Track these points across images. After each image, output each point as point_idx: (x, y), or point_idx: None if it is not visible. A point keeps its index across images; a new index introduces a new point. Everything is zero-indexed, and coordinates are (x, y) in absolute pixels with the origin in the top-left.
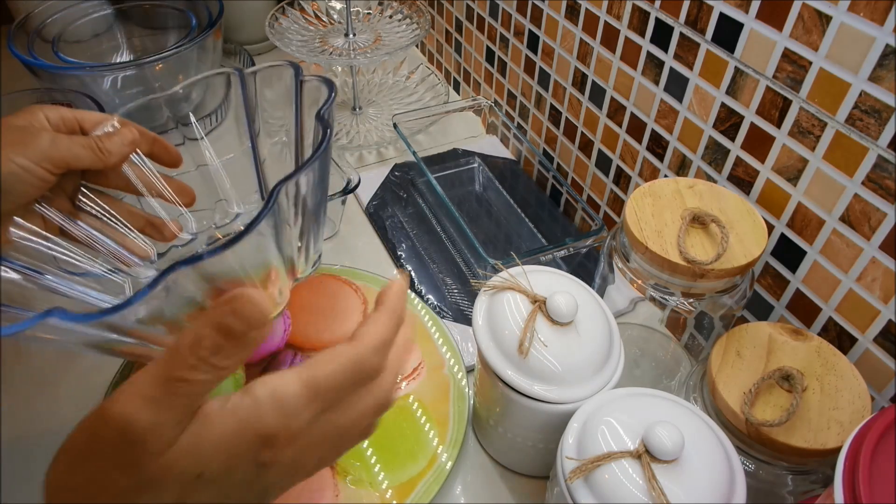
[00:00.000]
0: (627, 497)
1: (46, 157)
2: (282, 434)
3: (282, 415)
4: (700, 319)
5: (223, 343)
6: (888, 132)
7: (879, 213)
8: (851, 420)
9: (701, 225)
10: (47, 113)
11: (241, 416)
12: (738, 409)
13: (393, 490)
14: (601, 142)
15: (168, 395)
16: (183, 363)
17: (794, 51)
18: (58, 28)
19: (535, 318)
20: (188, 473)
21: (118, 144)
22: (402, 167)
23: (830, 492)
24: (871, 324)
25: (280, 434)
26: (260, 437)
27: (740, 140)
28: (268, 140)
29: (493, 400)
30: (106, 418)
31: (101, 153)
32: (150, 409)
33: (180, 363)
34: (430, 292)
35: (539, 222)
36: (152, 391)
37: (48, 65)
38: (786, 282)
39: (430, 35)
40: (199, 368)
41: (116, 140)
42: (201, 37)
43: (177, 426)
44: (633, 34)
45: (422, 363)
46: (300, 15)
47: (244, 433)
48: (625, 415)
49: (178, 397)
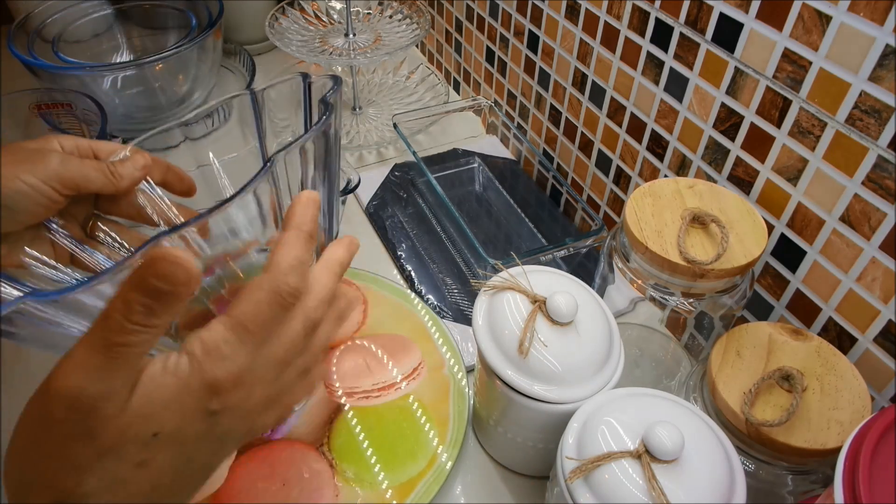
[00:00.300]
0: (627, 497)
1: (56, 177)
2: (222, 378)
3: (217, 360)
4: (700, 319)
5: (152, 304)
6: (888, 132)
7: (879, 213)
8: (851, 420)
9: (701, 225)
10: (61, 140)
11: (181, 372)
12: (738, 409)
13: (393, 490)
14: (601, 142)
15: (109, 361)
16: (118, 328)
17: (794, 51)
18: (58, 28)
19: (535, 318)
20: (143, 434)
21: (130, 169)
22: (402, 167)
23: (830, 492)
24: (871, 324)
25: (220, 379)
26: (203, 386)
27: (740, 140)
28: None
29: (493, 400)
30: (53, 394)
31: (113, 177)
32: (96, 376)
33: (115, 328)
34: (430, 292)
35: (539, 222)
36: (93, 359)
37: (48, 65)
38: (786, 282)
39: (430, 35)
40: (134, 331)
41: (128, 165)
42: (201, 37)
43: (124, 388)
44: (633, 34)
45: (422, 363)
46: (300, 15)
47: (188, 386)
48: (625, 415)
49: (120, 360)
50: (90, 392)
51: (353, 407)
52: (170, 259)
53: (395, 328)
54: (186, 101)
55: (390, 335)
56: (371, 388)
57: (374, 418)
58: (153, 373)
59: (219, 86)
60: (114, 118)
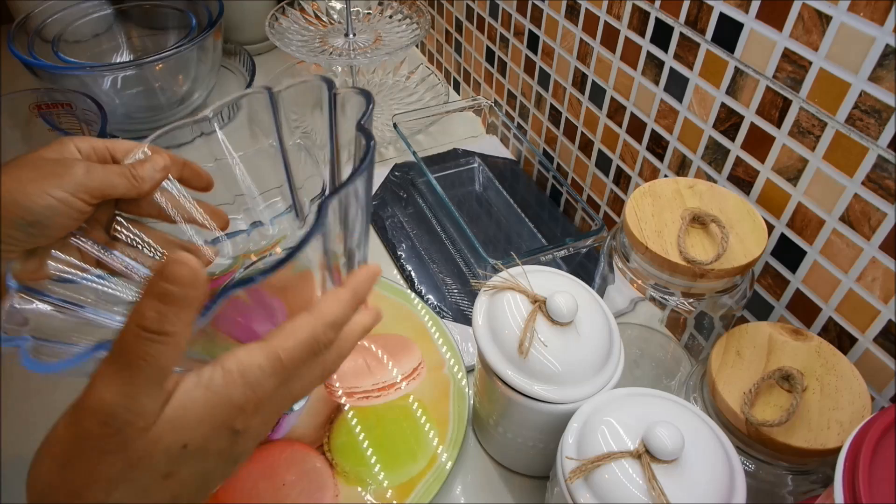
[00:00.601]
0: (627, 497)
1: (83, 188)
2: (250, 403)
3: (249, 385)
4: (700, 319)
5: (163, 308)
6: (888, 132)
7: (879, 213)
8: (851, 420)
9: (701, 225)
10: (78, 144)
11: (216, 388)
12: (738, 409)
13: (393, 490)
14: (601, 142)
15: (135, 375)
16: (134, 339)
17: (794, 51)
18: (58, 28)
19: (535, 318)
20: (175, 445)
21: (150, 171)
22: (402, 167)
23: (830, 492)
24: (871, 324)
25: (249, 403)
26: (234, 406)
27: (740, 140)
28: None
29: (493, 400)
30: (88, 411)
31: (135, 181)
32: (125, 391)
33: (132, 340)
34: (430, 292)
35: (539, 222)
36: (120, 375)
37: (48, 65)
38: (786, 282)
39: (430, 35)
40: (151, 341)
41: (148, 167)
42: (201, 37)
43: (156, 401)
44: (633, 34)
45: (422, 363)
46: (300, 15)
47: (220, 403)
48: (625, 415)
49: (144, 374)
50: (122, 406)
51: (353, 407)
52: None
53: (395, 328)
54: (186, 101)
55: (390, 335)
56: (371, 388)
57: (374, 418)
58: (187, 385)
59: (219, 86)
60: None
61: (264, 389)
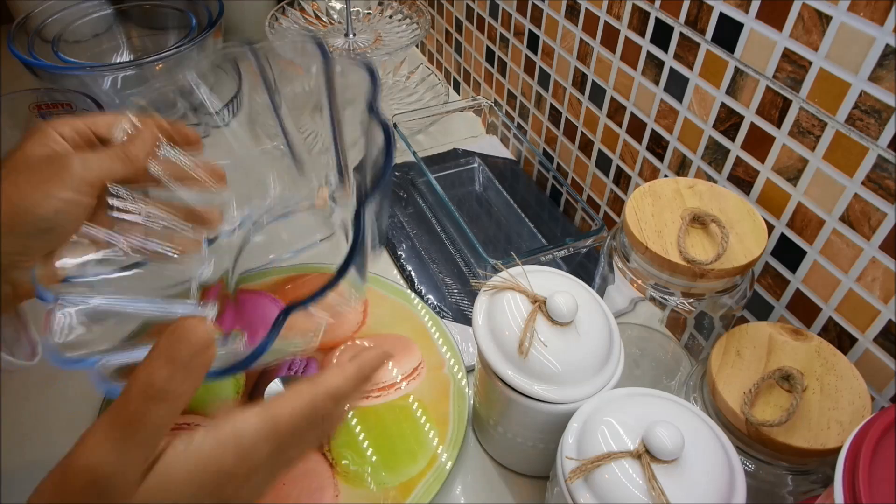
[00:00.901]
0: (627, 497)
1: (84, 182)
2: (242, 471)
3: (242, 453)
4: (700, 319)
5: (172, 371)
6: (888, 132)
7: (879, 213)
8: (851, 420)
9: (701, 225)
10: (59, 129)
11: (205, 456)
12: (738, 409)
13: (393, 490)
14: (601, 142)
15: (129, 437)
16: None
17: (794, 51)
18: (58, 28)
19: (535, 318)
20: None
21: (141, 146)
22: (402, 167)
23: (830, 492)
24: (871, 324)
25: (240, 471)
26: (223, 474)
27: (740, 140)
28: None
29: (493, 400)
30: (75, 469)
31: (130, 160)
32: (114, 453)
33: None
34: (430, 292)
35: (539, 222)
36: (114, 435)
37: (48, 65)
38: (786, 282)
39: (430, 35)
40: (157, 400)
41: (138, 143)
42: (201, 37)
43: (141, 466)
44: (633, 34)
45: (422, 363)
46: (300, 15)
47: (208, 471)
48: (625, 415)
49: (140, 436)
50: (108, 469)
51: (353, 407)
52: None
53: (395, 328)
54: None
55: (390, 335)
56: (371, 388)
57: (374, 418)
58: (175, 450)
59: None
60: None
61: (258, 456)
